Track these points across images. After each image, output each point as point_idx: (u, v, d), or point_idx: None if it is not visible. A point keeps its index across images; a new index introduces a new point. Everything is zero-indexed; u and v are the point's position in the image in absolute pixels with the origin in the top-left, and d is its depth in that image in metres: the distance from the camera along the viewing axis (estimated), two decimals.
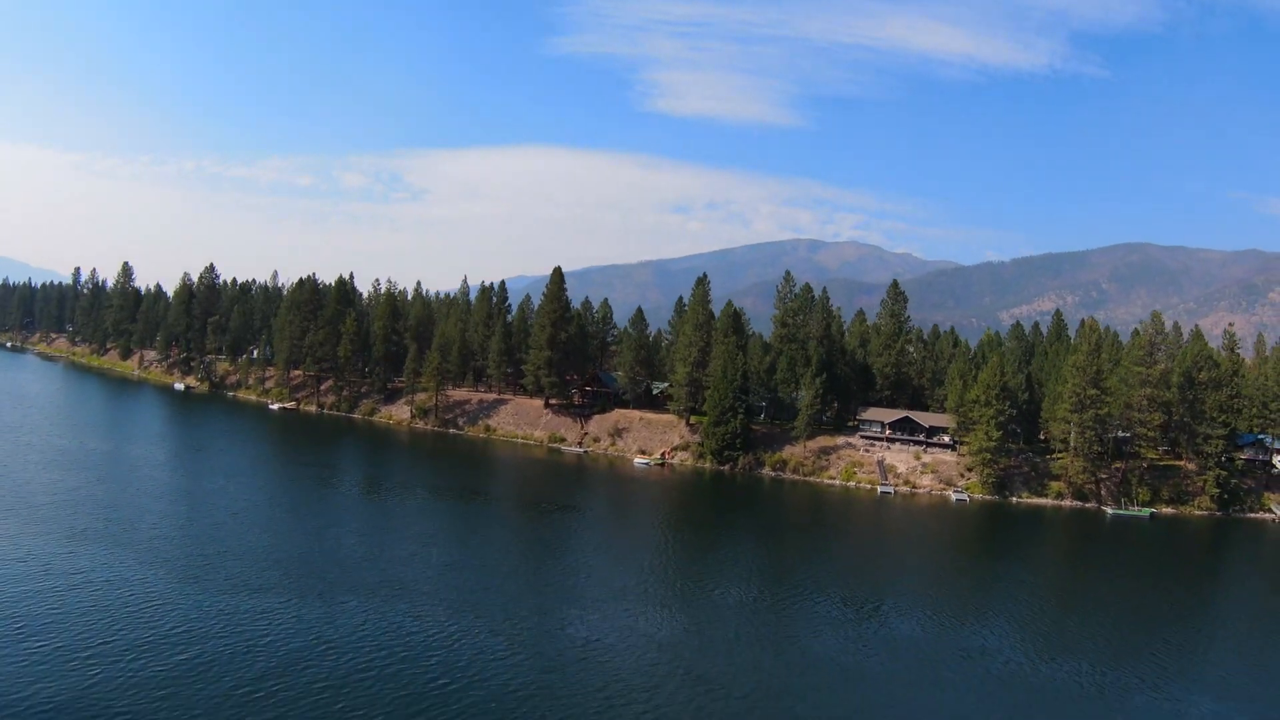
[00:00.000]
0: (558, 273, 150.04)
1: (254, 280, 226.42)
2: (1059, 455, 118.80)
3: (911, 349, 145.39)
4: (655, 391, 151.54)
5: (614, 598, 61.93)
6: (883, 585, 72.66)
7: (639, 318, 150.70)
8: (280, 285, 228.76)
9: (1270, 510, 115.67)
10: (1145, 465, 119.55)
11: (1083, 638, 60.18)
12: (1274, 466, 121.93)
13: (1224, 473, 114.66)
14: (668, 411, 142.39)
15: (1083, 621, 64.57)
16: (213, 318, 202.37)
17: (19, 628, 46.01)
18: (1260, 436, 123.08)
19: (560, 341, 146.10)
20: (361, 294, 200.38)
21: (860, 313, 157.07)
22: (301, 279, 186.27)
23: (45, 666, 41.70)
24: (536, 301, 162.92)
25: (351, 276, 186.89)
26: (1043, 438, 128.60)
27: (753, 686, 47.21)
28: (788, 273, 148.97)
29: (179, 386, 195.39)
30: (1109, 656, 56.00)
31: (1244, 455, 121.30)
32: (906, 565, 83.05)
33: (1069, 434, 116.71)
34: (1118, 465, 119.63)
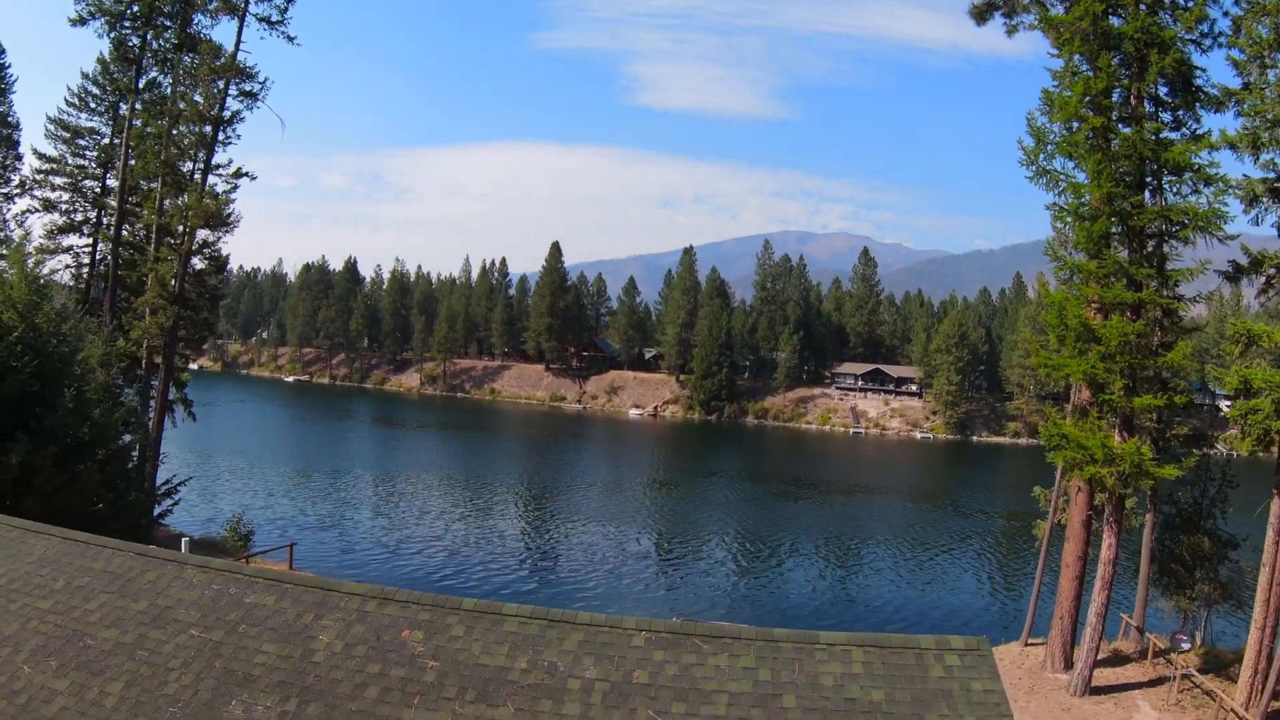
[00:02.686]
0: (555, 246, 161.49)
1: (259, 268, 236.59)
2: (1017, 399, 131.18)
3: (883, 310, 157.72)
4: (647, 355, 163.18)
5: (619, 480, 74.32)
6: (847, 479, 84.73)
7: (630, 285, 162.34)
8: (284, 273, 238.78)
9: (1216, 445, 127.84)
10: None
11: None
12: (1219, 409, 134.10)
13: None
14: (659, 371, 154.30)
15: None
16: (224, 300, 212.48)
17: None
18: (1207, 383, 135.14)
19: (559, 309, 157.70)
20: (365, 279, 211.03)
21: (836, 280, 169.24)
22: (309, 263, 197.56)
23: None
24: (527, 293, 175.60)
25: (355, 261, 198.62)
26: (1006, 392, 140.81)
27: (731, 525, 59.32)
28: (766, 241, 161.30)
29: (193, 366, 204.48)
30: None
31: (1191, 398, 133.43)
32: (869, 463, 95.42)
33: (1024, 379, 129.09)
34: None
